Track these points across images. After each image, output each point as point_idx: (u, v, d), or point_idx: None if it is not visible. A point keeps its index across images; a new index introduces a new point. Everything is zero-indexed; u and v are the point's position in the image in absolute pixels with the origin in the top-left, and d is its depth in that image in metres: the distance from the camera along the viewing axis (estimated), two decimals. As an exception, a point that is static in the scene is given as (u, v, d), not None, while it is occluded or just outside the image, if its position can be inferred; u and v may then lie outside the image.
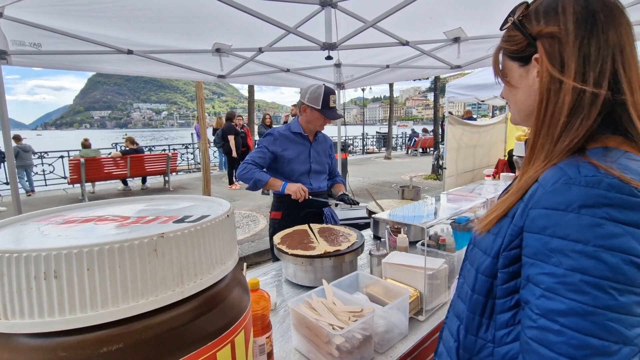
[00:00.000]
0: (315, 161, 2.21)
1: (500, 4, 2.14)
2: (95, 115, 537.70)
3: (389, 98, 17.68)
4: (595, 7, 0.58)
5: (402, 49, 2.79)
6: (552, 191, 0.55)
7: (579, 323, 0.49)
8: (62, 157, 9.22)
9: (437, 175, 9.66)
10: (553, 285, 0.52)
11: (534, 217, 0.56)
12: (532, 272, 0.55)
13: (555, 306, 0.52)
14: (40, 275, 0.42)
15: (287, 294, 1.51)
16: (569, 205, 0.52)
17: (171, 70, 3.06)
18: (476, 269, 0.69)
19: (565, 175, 0.54)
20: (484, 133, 6.71)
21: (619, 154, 0.56)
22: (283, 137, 2.13)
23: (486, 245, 0.67)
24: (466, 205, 1.62)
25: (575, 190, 0.52)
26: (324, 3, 2.01)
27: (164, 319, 0.48)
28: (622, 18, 0.58)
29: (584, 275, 0.50)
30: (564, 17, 0.59)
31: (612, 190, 0.50)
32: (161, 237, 0.48)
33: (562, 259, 0.52)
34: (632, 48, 0.58)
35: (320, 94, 2.02)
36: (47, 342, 0.43)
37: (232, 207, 0.64)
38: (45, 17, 2.12)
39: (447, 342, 0.76)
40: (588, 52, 0.57)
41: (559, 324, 0.51)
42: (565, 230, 0.52)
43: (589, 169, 0.53)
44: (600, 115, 0.57)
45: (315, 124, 2.13)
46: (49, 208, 0.69)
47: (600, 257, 0.49)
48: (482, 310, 0.67)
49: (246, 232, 5.13)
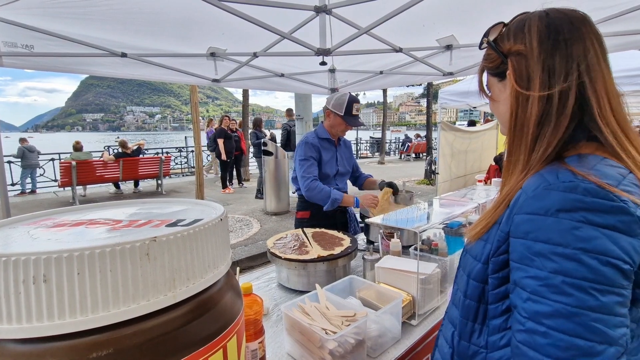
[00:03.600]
0: (341, 164, 2.36)
1: (492, 13, 2.18)
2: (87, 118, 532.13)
3: (383, 103, 17.80)
4: (559, 24, 0.62)
5: (396, 55, 2.82)
6: (533, 197, 0.57)
7: (564, 324, 0.51)
8: (53, 160, 9.09)
9: (430, 180, 9.73)
10: (538, 288, 0.54)
11: (517, 222, 0.58)
12: (518, 276, 0.57)
13: (541, 309, 0.53)
14: (29, 280, 0.41)
15: (280, 298, 1.50)
16: (548, 209, 0.54)
17: (165, 73, 3.05)
18: (468, 275, 0.71)
19: (545, 181, 0.57)
20: (475, 139, 6.78)
21: (596, 160, 0.58)
22: (316, 143, 2.25)
23: (477, 251, 0.69)
24: (458, 210, 1.64)
25: (554, 195, 0.54)
26: (318, 9, 2.03)
27: (156, 324, 0.48)
28: (588, 32, 0.62)
29: (565, 277, 0.51)
30: (529, 36, 0.63)
31: (588, 195, 0.52)
32: (153, 240, 0.48)
33: (545, 262, 0.53)
34: (599, 59, 0.61)
35: (345, 101, 2.13)
36: (35, 347, 0.42)
37: (226, 211, 0.64)
38: (38, 19, 2.10)
39: (442, 349, 0.77)
40: (552, 66, 0.60)
41: (545, 326, 0.52)
42: (547, 234, 0.54)
43: (567, 175, 0.55)
44: (571, 124, 0.60)
45: (337, 129, 2.24)
46: (38, 211, 0.68)
47: (580, 259, 0.51)
48: (474, 315, 0.68)
49: (239, 236, 5.10)
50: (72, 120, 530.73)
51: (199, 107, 6.32)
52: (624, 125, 0.61)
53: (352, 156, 2.49)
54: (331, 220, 2.24)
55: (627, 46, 2.24)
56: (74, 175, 7.02)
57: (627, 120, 0.62)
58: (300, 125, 6.74)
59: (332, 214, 2.26)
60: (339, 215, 2.34)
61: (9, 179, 8.65)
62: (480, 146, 7.01)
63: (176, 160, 11.90)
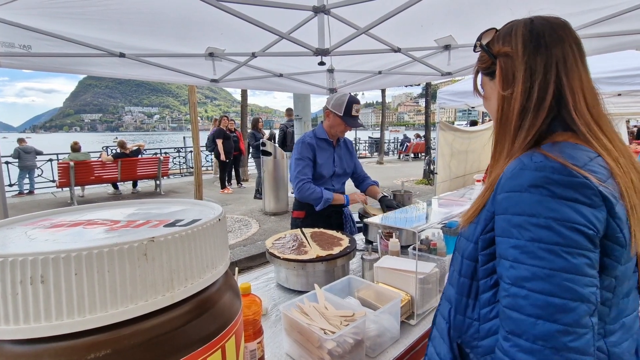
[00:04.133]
0: (339, 165, 2.34)
1: (489, 14, 2.19)
2: (85, 118, 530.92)
3: (381, 103, 17.80)
4: (541, 29, 0.71)
5: (394, 55, 2.82)
6: (511, 177, 0.65)
7: (540, 285, 0.58)
8: (51, 160, 9.06)
9: (428, 180, 9.73)
10: (518, 255, 0.61)
11: (499, 200, 0.66)
12: (502, 248, 0.65)
13: (521, 273, 0.60)
14: (27, 280, 0.41)
15: (279, 298, 1.50)
16: (522, 186, 0.62)
17: (164, 73, 3.05)
18: (462, 255, 0.78)
19: (521, 163, 0.65)
20: (474, 139, 6.79)
21: (568, 145, 0.66)
22: (313, 143, 2.25)
23: (469, 233, 0.77)
24: (457, 209, 1.64)
25: (527, 174, 0.63)
26: (317, 9, 2.03)
27: (154, 324, 0.48)
28: (568, 36, 0.70)
29: (540, 243, 0.59)
30: (515, 39, 0.72)
31: (555, 173, 0.60)
32: (151, 241, 0.47)
33: (522, 232, 0.61)
34: (576, 60, 0.69)
35: (344, 102, 2.13)
36: (32, 348, 0.42)
37: (224, 212, 0.64)
38: (35, 19, 2.09)
39: (439, 325, 0.84)
40: (534, 66, 0.69)
41: (525, 289, 0.60)
42: (522, 207, 0.62)
43: (539, 157, 0.64)
44: (549, 116, 0.69)
45: (336, 130, 2.24)
46: (36, 212, 0.68)
47: (551, 226, 0.59)
48: (468, 291, 0.76)
49: (238, 237, 5.10)
50: (70, 121, 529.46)
51: (197, 107, 6.31)
52: (597, 118, 0.68)
53: (352, 157, 2.47)
54: (327, 220, 2.24)
55: (624, 46, 2.25)
56: (72, 175, 7.01)
57: (601, 114, 0.70)
58: (298, 125, 6.73)
59: (327, 214, 2.26)
60: (334, 215, 2.34)
61: (7, 179, 8.64)
62: (479, 146, 7.01)
63: (175, 160, 11.88)
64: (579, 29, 1.94)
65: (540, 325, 0.57)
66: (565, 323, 0.56)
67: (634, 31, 2.09)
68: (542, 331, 0.57)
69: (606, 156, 0.65)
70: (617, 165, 0.64)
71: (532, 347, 0.58)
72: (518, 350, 0.59)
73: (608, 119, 0.70)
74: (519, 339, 0.59)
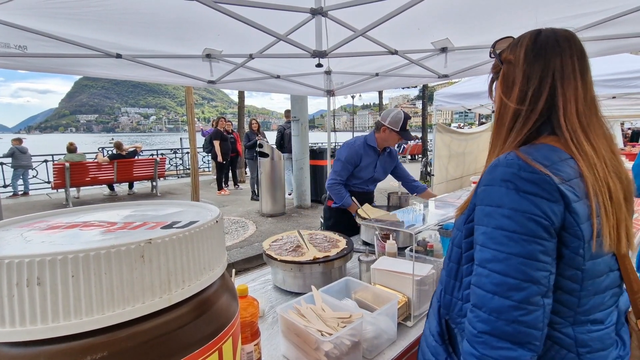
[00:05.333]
0: (378, 172, 2.61)
1: (485, 18, 2.20)
2: (81, 119, 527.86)
3: (379, 105, 17.86)
4: (545, 40, 0.76)
5: (391, 57, 2.83)
6: (487, 172, 0.74)
7: (498, 266, 0.67)
8: (46, 162, 8.99)
9: (425, 181, 9.76)
10: (484, 240, 0.71)
11: (478, 193, 0.75)
12: (476, 235, 0.74)
13: (485, 256, 0.70)
14: (23, 282, 0.41)
15: (276, 300, 1.50)
16: (494, 180, 0.71)
17: (161, 74, 3.04)
18: (451, 242, 0.87)
19: (497, 160, 0.73)
20: (471, 141, 6.83)
21: (545, 147, 0.73)
22: (362, 148, 2.51)
23: (459, 222, 0.85)
24: (453, 211, 1.65)
25: (499, 169, 0.71)
26: (314, 12, 2.03)
27: (151, 326, 0.48)
28: (571, 48, 0.75)
29: (502, 230, 0.68)
30: (519, 49, 0.79)
31: (521, 170, 0.68)
32: (148, 243, 0.47)
33: (490, 220, 0.70)
34: (574, 71, 0.74)
35: (401, 119, 2.39)
36: (29, 351, 0.42)
37: (221, 213, 0.64)
38: (31, 19, 2.08)
39: (433, 305, 0.93)
40: (531, 74, 0.76)
41: (487, 269, 0.69)
42: (492, 198, 0.71)
43: (512, 155, 0.71)
44: (538, 121, 0.75)
45: (390, 142, 2.52)
46: (32, 213, 0.68)
47: (512, 216, 0.67)
48: (455, 275, 0.84)
49: (235, 238, 5.08)
50: (65, 122, 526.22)
51: (194, 109, 6.29)
52: (586, 127, 0.73)
53: (393, 164, 2.72)
54: (349, 214, 2.53)
55: (619, 49, 2.27)
56: (68, 177, 6.95)
57: (592, 124, 0.75)
58: (296, 126, 6.73)
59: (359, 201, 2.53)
60: None
61: (1, 180, 8.57)
62: (477, 148, 7.05)
63: (171, 161, 11.83)
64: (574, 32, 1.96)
65: (496, 300, 0.66)
66: (517, 300, 0.65)
67: (628, 35, 2.11)
68: (497, 305, 0.66)
69: (580, 160, 0.70)
70: (591, 170, 0.70)
71: (489, 318, 0.67)
72: (478, 320, 0.69)
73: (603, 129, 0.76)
74: (479, 310, 0.69)
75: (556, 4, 1.97)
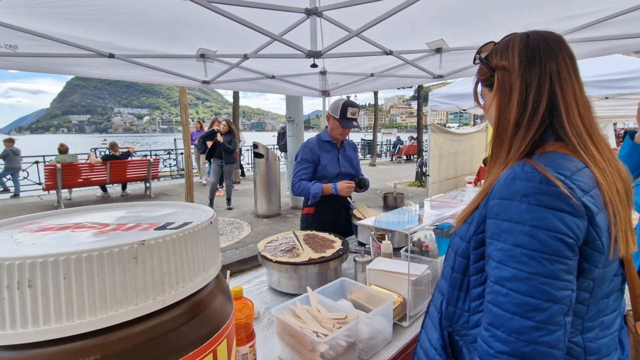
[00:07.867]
0: (344, 165, 2.48)
1: (480, 19, 2.22)
2: (73, 120, 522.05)
3: (374, 106, 17.90)
4: (536, 44, 0.75)
5: (386, 58, 2.84)
6: (504, 185, 0.70)
7: (519, 286, 0.64)
8: (37, 163, 8.87)
9: (420, 182, 9.81)
10: (502, 257, 0.67)
11: (491, 206, 0.71)
12: (490, 249, 0.70)
13: (504, 274, 0.66)
14: (14, 285, 0.40)
15: (271, 301, 1.49)
16: (512, 195, 0.67)
17: (154, 74, 3.01)
18: (455, 252, 0.83)
19: (513, 172, 0.69)
20: (464, 141, 6.87)
21: (557, 155, 0.70)
22: (316, 146, 2.39)
23: (462, 232, 0.81)
24: (449, 211, 1.65)
25: (518, 183, 0.67)
26: (309, 12, 2.03)
27: (144, 329, 0.47)
28: (562, 51, 0.74)
29: (522, 249, 0.64)
30: (512, 54, 0.76)
31: (543, 183, 0.65)
32: (142, 244, 0.47)
33: (509, 237, 0.66)
34: (570, 74, 0.73)
35: (340, 105, 2.28)
36: (20, 354, 0.41)
37: (215, 214, 0.64)
38: (22, 18, 2.05)
39: (432, 315, 0.90)
40: (529, 79, 0.74)
41: (506, 288, 0.65)
42: (510, 214, 0.67)
43: (529, 168, 0.68)
44: (541, 127, 0.73)
45: (335, 132, 2.38)
46: (22, 215, 0.67)
47: (534, 234, 0.64)
48: (460, 285, 0.81)
49: (230, 240, 5.06)
50: (57, 122, 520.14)
51: (188, 109, 6.26)
52: (589, 129, 0.73)
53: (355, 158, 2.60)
54: (335, 216, 2.40)
55: (611, 50, 2.30)
56: (59, 178, 6.87)
57: (594, 125, 0.74)
58: (291, 127, 6.72)
59: (336, 209, 2.41)
60: (343, 211, 2.44)
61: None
62: (470, 148, 7.10)
63: (165, 162, 11.75)
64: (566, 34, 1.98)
65: (516, 320, 0.64)
66: (538, 320, 0.62)
67: (619, 36, 2.14)
68: (517, 326, 0.63)
69: (593, 167, 0.69)
70: (603, 175, 0.68)
71: (507, 338, 0.64)
72: (495, 340, 0.66)
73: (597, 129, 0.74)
74: (497, 330, 0.66)
75: (549, 5, 2.00)
